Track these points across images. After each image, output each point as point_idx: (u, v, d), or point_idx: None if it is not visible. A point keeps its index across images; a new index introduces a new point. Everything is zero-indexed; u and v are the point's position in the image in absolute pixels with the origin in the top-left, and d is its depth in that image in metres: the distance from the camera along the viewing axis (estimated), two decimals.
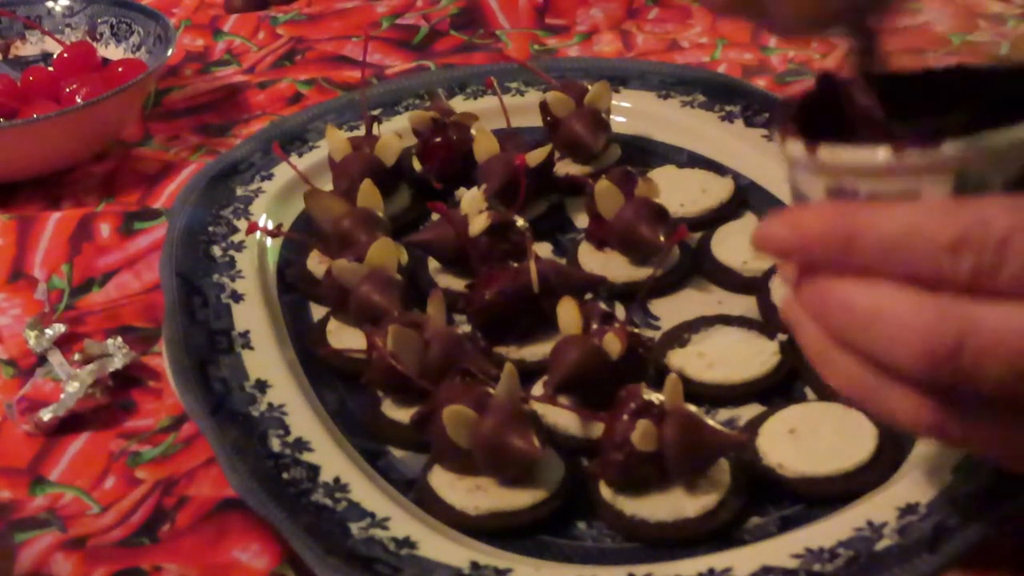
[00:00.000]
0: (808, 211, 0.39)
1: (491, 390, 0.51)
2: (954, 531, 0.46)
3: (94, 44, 0.89)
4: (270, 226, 0.68)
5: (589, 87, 0.72)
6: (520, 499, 0.50)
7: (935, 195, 0.37)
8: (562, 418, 0.54)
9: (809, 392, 0.56)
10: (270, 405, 0.56)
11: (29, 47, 0.92)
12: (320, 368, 0.59)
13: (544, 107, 0.73)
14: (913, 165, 0.37)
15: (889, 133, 0.39)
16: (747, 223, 0.67)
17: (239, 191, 0.71)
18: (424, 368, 0.54)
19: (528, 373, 0.56)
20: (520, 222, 0.62)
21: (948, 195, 0.37)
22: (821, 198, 0.39)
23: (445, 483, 0.51)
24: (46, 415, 0.58)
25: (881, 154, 0.37)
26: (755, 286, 0.62)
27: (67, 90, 0.82)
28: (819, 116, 0.42)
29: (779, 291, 0.60)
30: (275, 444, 0.53)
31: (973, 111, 0.40)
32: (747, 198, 0.69)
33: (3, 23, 0.91)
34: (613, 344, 0.53)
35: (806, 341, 0.41)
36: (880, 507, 0.48)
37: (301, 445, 0.53)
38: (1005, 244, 0.35)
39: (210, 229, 0.68)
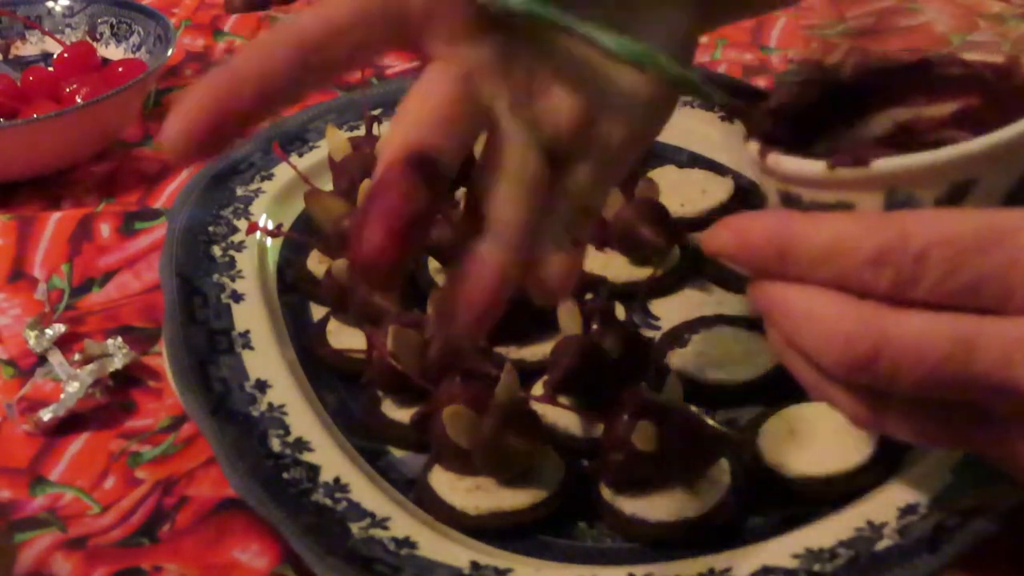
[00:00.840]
0: (751, 219, 0.40)
1: (491, 390, 0.51)
2: (954, 531, 0.46)
3: (94, 44, 0.89)
4: (270, 226, 0.68)
5: None
6: (520, 499, 0.50)
7: (868, 208, 0.38)
8: (562, 418, 0.54)
9: None
10: (270, 405, 0.56)
11: (29, 47, 0.92)
12: (320, 368, 0.59)
13: None
14: (844, 180, 0.38)
15: (833, 146, 0.40)
16: None
17: (239, 191, 0.71)
18: (424, 368, 0.54)
19: (528, 373, 0.56)
20: None
21: (879, 208, 0.38)
22: (775, 198, 0.41)
23: (445, 483, 0.51)
24: (46, 415, 0.58)
25: (815, 168, 0.39)
26: None
27: (67, 90, 0.82)
28: (802, 114, 0.44)
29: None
30: (275, 444, 0.53)
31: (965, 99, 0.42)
32: (747, 198, 0.69)
33: (3, 23, 0.91)
34: (613, 344, 0.53)
35: (767, 332, 0.43)
36: (880, 507, 0.48)
37: (301, 445, 0.53)
38: (922, 258, 0.36)
39: (210, 229, 0.67)
